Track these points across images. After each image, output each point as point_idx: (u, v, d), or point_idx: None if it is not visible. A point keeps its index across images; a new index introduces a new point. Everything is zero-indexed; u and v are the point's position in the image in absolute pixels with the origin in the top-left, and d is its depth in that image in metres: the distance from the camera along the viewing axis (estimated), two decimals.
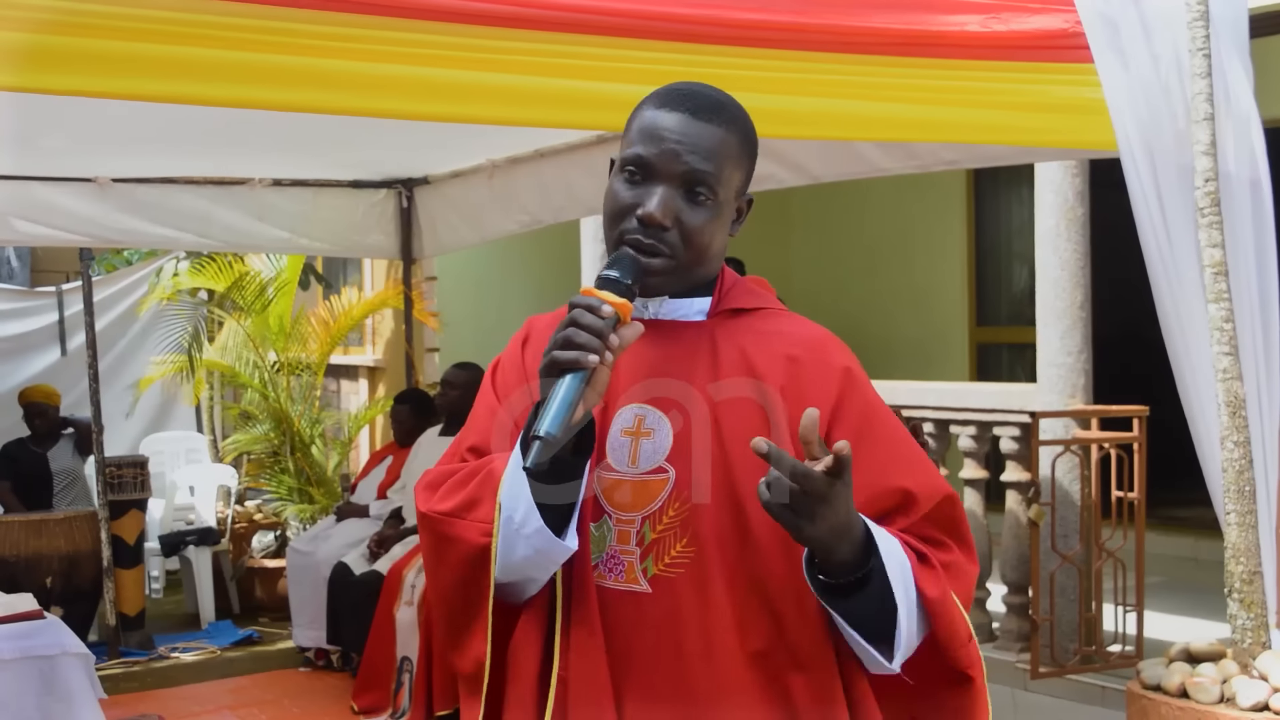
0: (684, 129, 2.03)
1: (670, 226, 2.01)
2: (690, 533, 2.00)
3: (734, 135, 2.06)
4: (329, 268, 11.95)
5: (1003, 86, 3.73)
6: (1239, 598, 3.74)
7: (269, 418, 10.29)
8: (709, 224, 2.04)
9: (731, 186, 2.07)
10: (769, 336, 2.10)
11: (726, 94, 2.13)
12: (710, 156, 2.02)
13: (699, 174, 2.01)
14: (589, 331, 1.87)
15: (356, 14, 3.05)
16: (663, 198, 2.01)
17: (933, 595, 1.97)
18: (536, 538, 1.95)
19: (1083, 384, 6.45)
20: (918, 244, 11.01)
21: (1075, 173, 6.38)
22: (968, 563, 2.08)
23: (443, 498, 2.07)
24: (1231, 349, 3.69)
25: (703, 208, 2.03)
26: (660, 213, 2.00)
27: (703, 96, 2.07)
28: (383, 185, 8.35)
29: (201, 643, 8.29)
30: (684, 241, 2.03)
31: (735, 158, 2.06)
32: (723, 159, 2.04)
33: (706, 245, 2.05)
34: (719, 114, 2.06)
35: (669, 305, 2.12)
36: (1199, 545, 8.59)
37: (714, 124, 2.04)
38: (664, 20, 3.28)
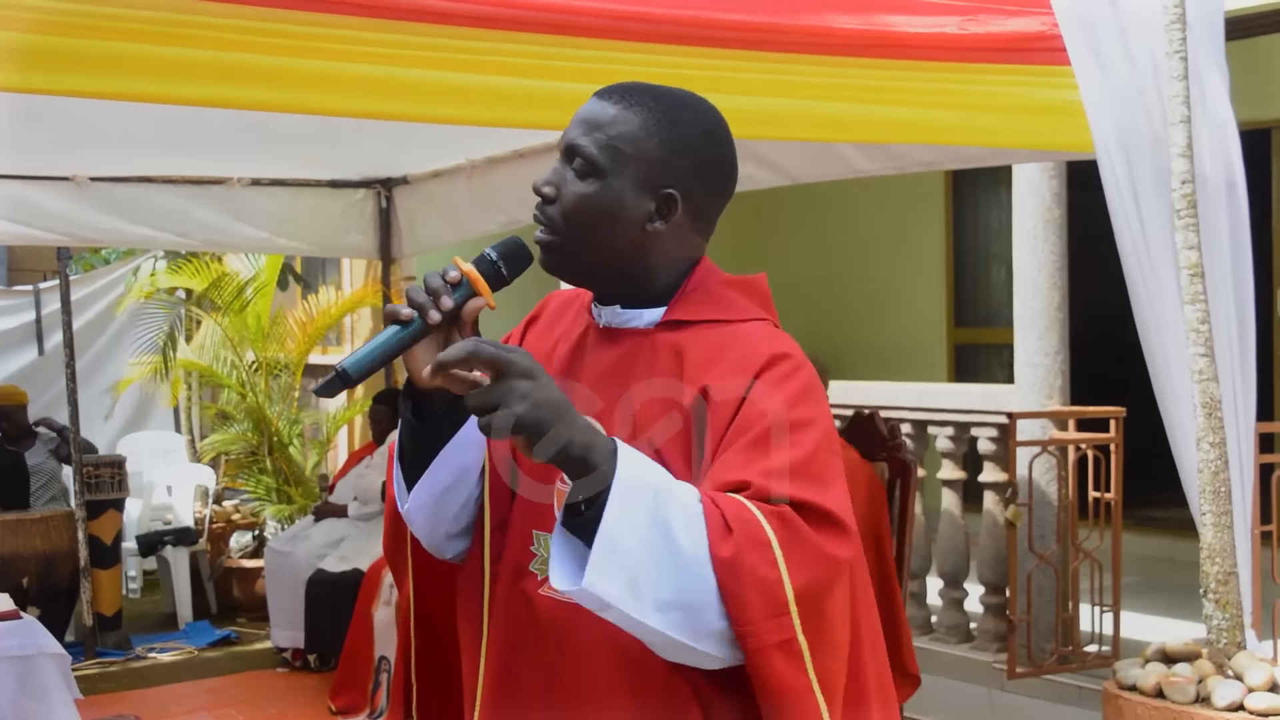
0: (583, 110, 2.03)
1: (552, 197, 2.00)
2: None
3: (636, 115, 2.00)
4: (307, 267, 11.92)
5: (980, 89, 3.74)
6: (1214, 598, 3.76)
7: (247, 418, 10.26)
8: (586, 201, 1.98)
9: (629, 167, 1.99)
10: (711, 349, 2.01)
11: (672, 89, 2.09)
12: (591, 129, 2.00)
13: (575, 146, 1.99)
14: (426, 290, 1.89)
15: (340, 15, 3.05)
16: (551, 168, 2.02)
17: (722, 554, 1.76)
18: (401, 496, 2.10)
19: (1060, 385, 6.47)
20: (896, 245, 11.03)
21: (1053, 174, 6.40)
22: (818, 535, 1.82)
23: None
24: (1207, 350, 3.71)
25: (581, 181, 1.99)
26: (541, 181, 2.00)
27: (626, 83, 2.06)
28: (362, 185, 8.34)
29: (179, 643, 8.27)
30: (563, 216, 2.00)
31: (634, 138, 1.99)
32: (609, 134, 1.99)
33: (589, 226, 1.99)
34: (627, 96, 2.03)
35: (619, 315, 2.08)
36: (1175, 546, 8.61)
37: (611, 102, 2.02)
38: (643, 21, 3.29)
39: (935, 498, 6.91)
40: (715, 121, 2.08)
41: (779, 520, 1.79)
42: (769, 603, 1.77)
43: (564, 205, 1.99)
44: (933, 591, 7.02)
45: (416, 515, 2.09)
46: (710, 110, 2.09)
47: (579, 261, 2.03)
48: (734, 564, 1.76)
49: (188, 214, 7.68)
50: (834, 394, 5.02)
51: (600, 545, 1.72)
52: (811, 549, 1.81)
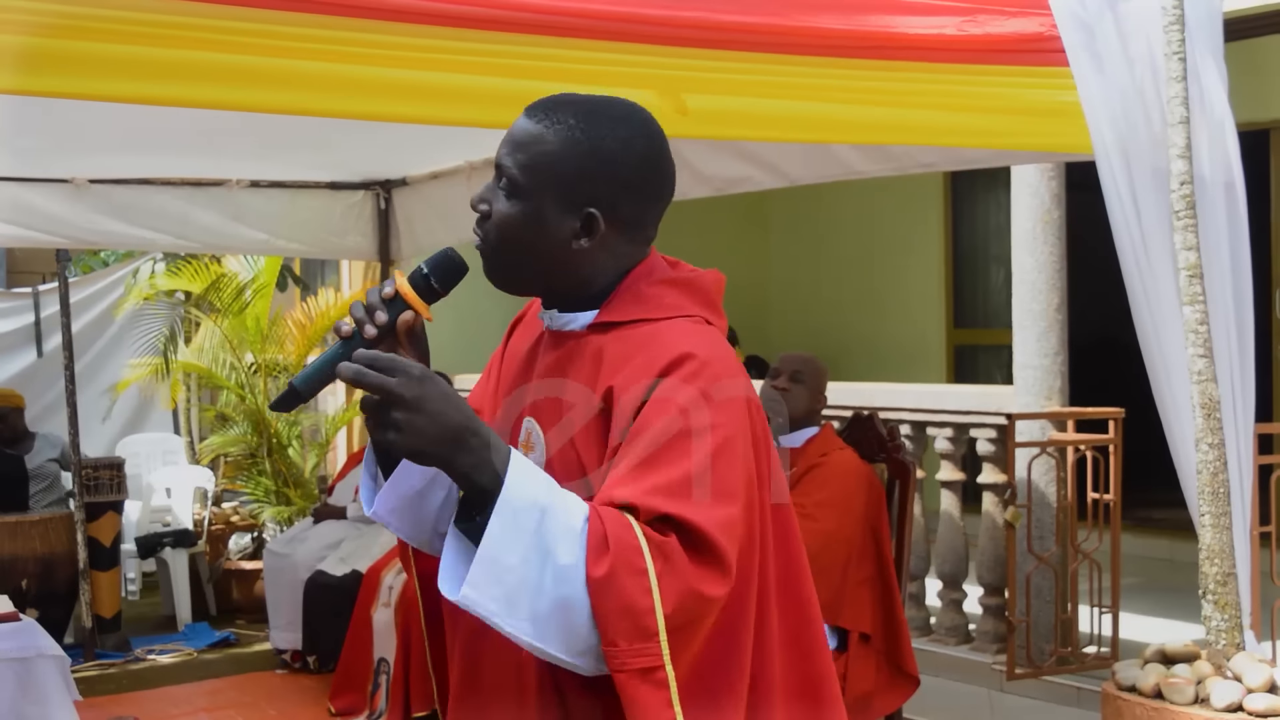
0: (512, 128, 2.07)
1: (485, 214, 2.06)
2: None
3: (556, 134, 2.03)
4: (306, 269, 11.92)
5: (979, 90, 3.74)
6: (1213, 599, 3.76)
7: (246, 419, 10.26)
8: (513, 219, 2.04)
9: (549, 187, 2.03)
10: (628, 348, 2.03)
11: (600, 99, 2.11)
12: (515, 149, 2.04)
13: (500, 166, 2.05)
14: (364, 307, 1.99)
15: (340, 16, 3.05)
16: (484, 186, 2.08)
17: (595, 574, 1.79)
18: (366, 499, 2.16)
19: (1059, 386, 6.48)
20: (895, 246, 11.03)
21: (1052, 176, 6.40)
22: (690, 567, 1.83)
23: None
24: (1206, 351, 3.71)
25: (509, 201, 2.04)
26: (475, 198, 2.07)
27: (548, 99, 2.09)
28: (360, 186, 8.34)
29: (178, 645, 8.26)
30: (493, 230, 2.06)
31: (553, 158, 2.02)
32: (530, 155, 2.03)
33: (512, 247, 2.06)
34: (550, 113, 2.05)
35: (559, 318, 2.14)
36: (1174, 547, 8.62)
37: (535, 120, 2.05)
38: (640, 23, 3.29)
39: (934, 499, 6.91)
40: (639, 132, 2.09)
41: (659, 552, 1.81)
42: (635, 627, 1.80)
43: (494, 223, 2.05)
44: (932, 593, 7.02)
45: (391, 519, 2.12)
46: (635, 120, 2.10)
47: (511, 275, 2.09)
48: (605, 584, 1.79)
49: (187, 216, 7.67)
50: (833, 395, 5.02)
51: (479, 562, 1.79)
52: (686, 585, 1.82)
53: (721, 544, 1.85)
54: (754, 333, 11.18)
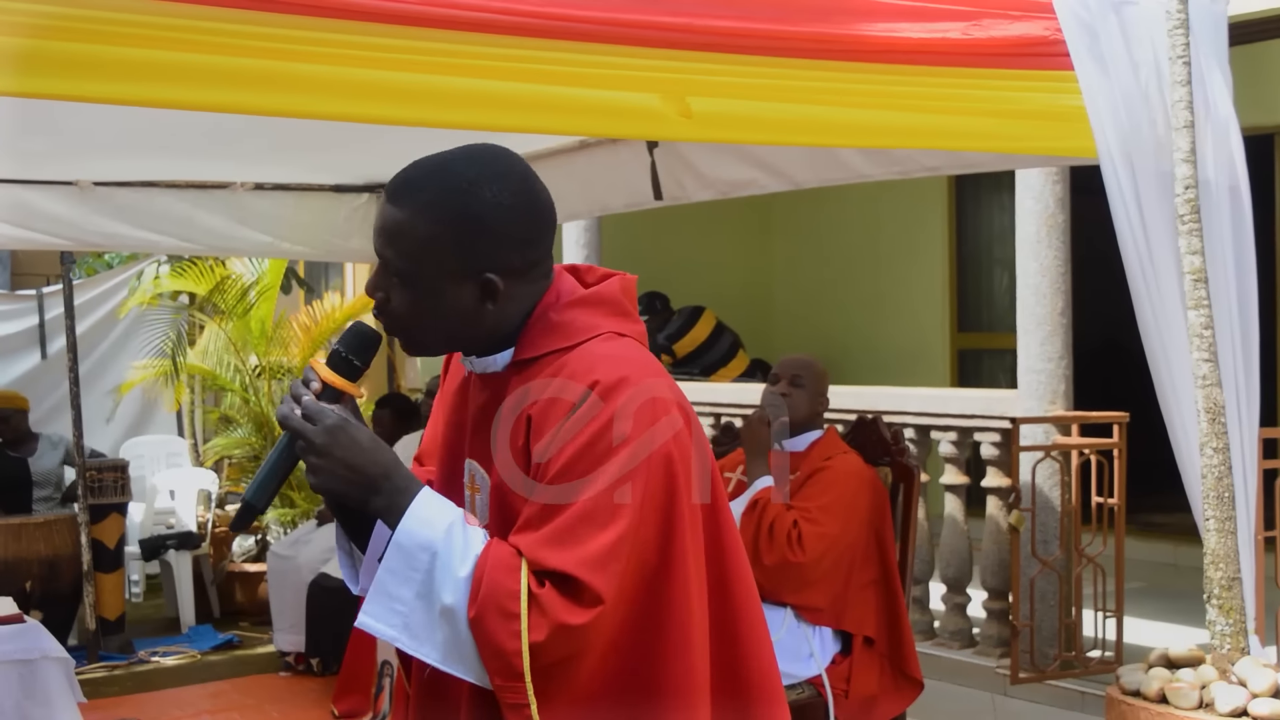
0: (379, 217, 2.10)
1: (383, 303, 2.10)
2: None
3: (419, 216, 2.05)
4: (311, 272, 11.93)
5: (983, 93, 3.74)
6: (1218, 604, 3.75)
7: (250, 422, 10.27)
8: (414, 305, 2.08)
9: (436, 268, 2.06)
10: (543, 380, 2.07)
11: (449, 161, 2.15)
12: (390, 240, 2.07)
13: (383, 258, 2.09)
14: (292, 399, 2.05)
15: (343, 20, 3.04)
16: (375, 275, 2.11)
17: (469, 614, 1.93)
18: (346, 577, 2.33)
19: (1063, 390, 6.47)
20: (899, 250, 11.03)
21: (1056, 179, 6.40)
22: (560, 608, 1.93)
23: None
24: (1211, 355, 3.71)
25: (404, 289, 2.08)
26: (369, 287, 2.11)
27: (401, 177, 2.13)
28: (365, 189, 8.33)
29: (181, 647, 8.26)
30: (399, 320, 2.10)
31: (427, 241, 2.05)
32: (402, 239, 2.06)
33: (421, 326, 2.11)
34: (406, 195, 2.08)
35: (479, 363, 2.18)
36: (1178, 551, 8.62)
37: (397, 206, 2.08)
38: (644, 27, 3.28)
39: (938, 503, 6.91)
40: (502, 182, 2.11)
41: (534, 601, 1.92)
42: (505, 667, 1.93)
43: (396, 311, 2.09)
44: (935, 597, 7.02)
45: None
46: (493, 169, 2.13)
47: (426, 347, 2.15)
48: (476, 625, 1.93)
49: (191, 218, 7.67)
50: (836, 399, 5.01)
51: (373, 594, 1.98)
52: (556, 624, 1.91)
53: (589, 581, 1.92)
54: (757, 336, 11.18)
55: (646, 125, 3.77)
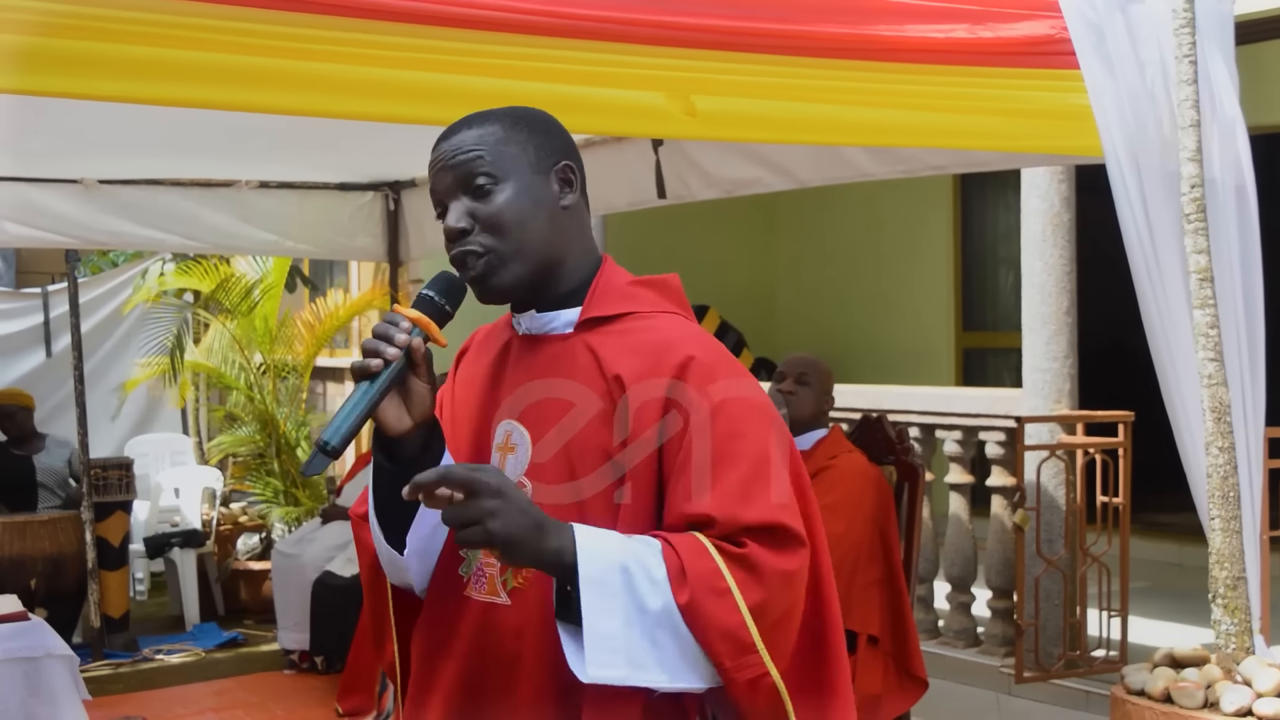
0: (447, 147, 2.10)
1: (470, 228, 2.06)
2: None
3: (493, 124, 2.10)
4: (315, 270, 11.94)
5: (989, 92, 3.73)
6: (1223, 603, 3.75)
7: (254, 420, 10.27)
8: (509, 204, 2.06)
9: (519, 162, 2.09)
10: (625, 341, 2.08)
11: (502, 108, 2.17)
12: (470, 148, 2.07)
13: (465, 167, 2.07)
14: (377, 338, 1.97)
15: (348, 18, 3.04)
16: (453, 208, 2.07)
17: (681, 601, 1.89)
18: (379, 542, 2.13)
19: (1068, 389, 6.47)
20: (905, 249, 11.03)
21: (1062, 179, 6.40)
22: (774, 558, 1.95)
23: (361, 500, 2.19)
24: (1216, 355, 3.70)
25: (492, 194, 2.06)
26: (454, 219, 2.07)
27: (464, 119, 2.14)
28: (369, 188, 8.34)
29: (186, 645, 8.27)
30: (493, 233, 2.06)
31: (505, 137, 2.09)
32: (486, 143, 2.08)
33: (521, 224, 2.07)
34: (472, 120, 2.12)
35: (537, 320, 2.15)
36: (1183, 550, 8.61)
37: (465, 128, 2.10)
38: (649, 26, 3.28)
39: (943, 502, 6.91)
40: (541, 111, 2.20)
41: (738, 564, 1.92)
42: (733, 645, 1.90)
43: (487, 225, 2.06)
44: (940, 596, 7.02)
45: (414, 560, 2.14)
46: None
47: (517, 269, 2.08)
48: (691, 610, 1.88)
49: (196, 217, 7.68)
50: (842, 397, 5.01)
51: (589, 643, 1.87)
52: (775, 579, 1.93)
53: (793, 525, 1.98)
54: (761, 335, 11.18)
55: (651, 123, 3.77)
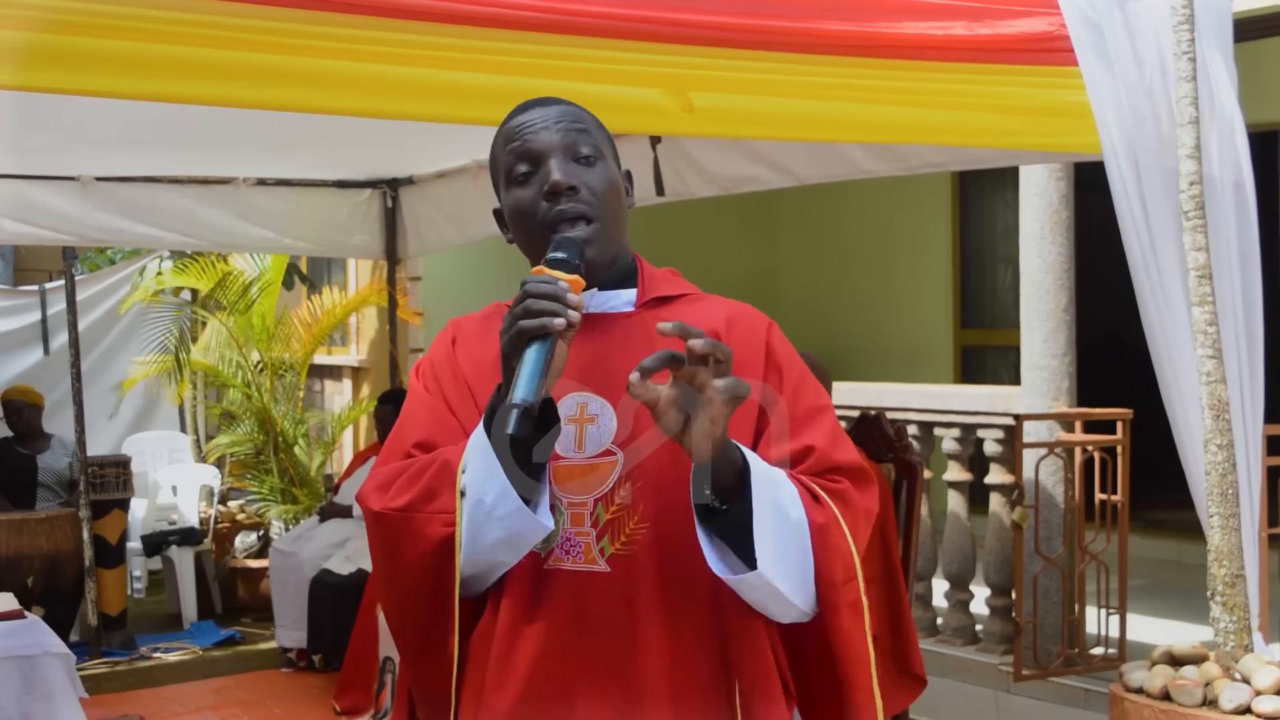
0: (542, 114, 2.16)
1: (578, 186, 2.10)
2: (641, 510, 2.06)
3: (580, 109, 2.19)
4: (313, 267, 11.92)
5: (987, 89, 3.73)
6: (1222, 601, 3.74)
7: (252, 418, 10.26)
8: (608, 180, 2.14)
9: (609, 149, 2.19)
10: (697, 315, 2.14)
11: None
12: (577, 119, 2.16)
13: (572, 133, 2.14)
14: (548, 299, 1.93)
15: (346, 14, 3.04)
16: (558, 165, 2.11)
17: (817, 519, 2.02)
18: (512, 519, 1.98)
19: (1066, 387, 6.46)
20: (903, 246, 11.02)
21: (1060, 176, 6.39)
22: (862, 497, 2.11)
23: (396, 494, 2.08)
24: (1215, 352, 3.70)
25: (594, 166, 2.14)
26: (563, 175, 2.10)
27: (544, 97, 2.21)
28: (367, 185, 8.34)
29: (184, 643, 8.27)
30: (595, 199, 2.12)
31: (597, 127, 2.19)
32: (588, 122, 2.17)
33: (615, 203, 2.15)
34: (557, 99, 2.20)
35: (598, 298, 2.19)
36: (1182, 548, 8.60)
37: (557, 102, 2.19)
38: (648, 22, 3.28)
39: (941, 500, 6.91)
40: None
41: (840, 499, 2.06)
42: (845, 568, 2.05)
43: (593, 189, 2.12)
44: (938, 593, 7.01)
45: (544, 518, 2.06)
46: None
47: (603, 244, 2.15)
48: (824, 531, 2.02)
49: (193, 214, 7.68)
50: (840, 395, 5.02)
51: (759, 530, 1.94)
52: (862, 515, 2.10)
53: (866, 466, 2.15)
54: None
55: (649, 120, 3.76)
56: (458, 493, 2.01)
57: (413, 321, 10.22)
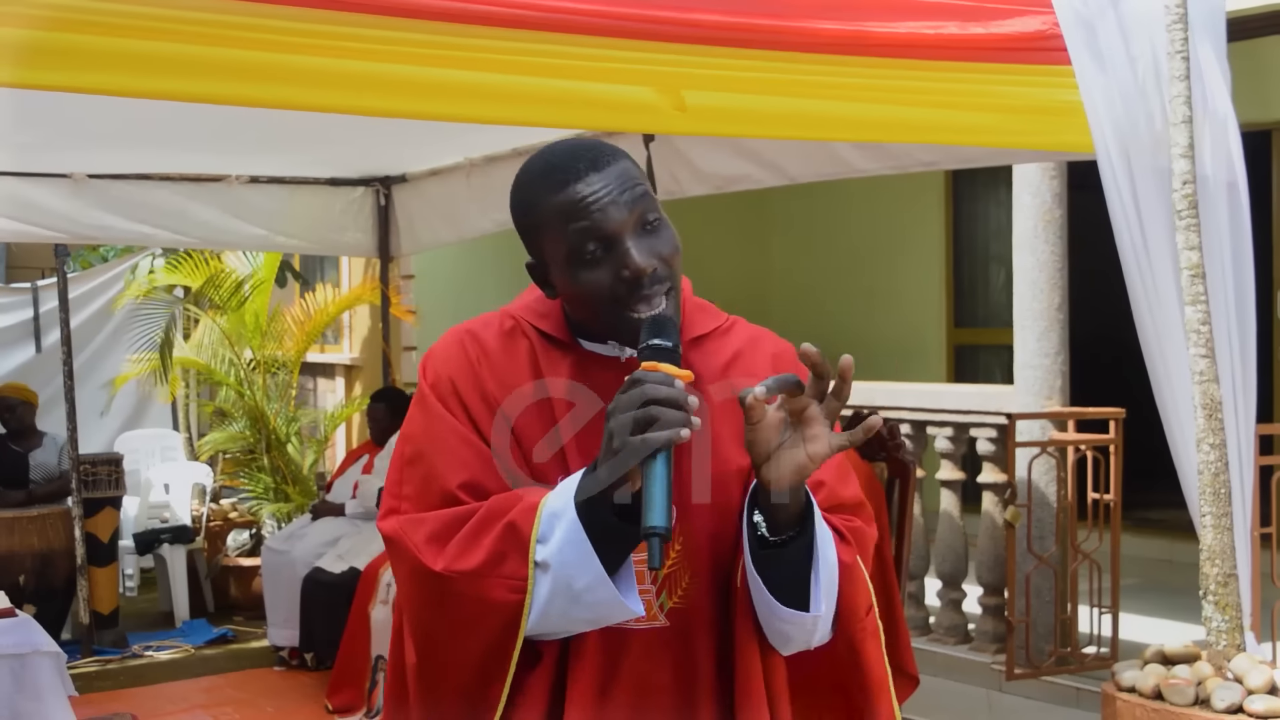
0: (602, 183, 2.01)
1: (658, 265, 2.00)
2: (695, 564, 2.07)
3: (624, 160, 2.06)
4: (306, 265, 11.91)
5: (980, 88, 3.73)
6: (1214, 600, 3.75)
7: (245, 416, 10.25)
8: (674, 241, 2.05)
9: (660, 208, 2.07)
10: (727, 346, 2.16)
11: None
12: (634, 180, 2.03)
13: (639, 204, 2.01)
14: (674, 407, 1.84)
15: (340, 11, 3.04)
16: (636, 246, 2.00)
17: (846, 560, 2.05)
18: (602, 606, 1.93)
19: (1059, 386, 6.46)
20: (896, 245, 11.03)
21: (1053, 175, 6.39)
22: (871, 533, 2.18)
23: (460, 554, 1.98)
24: (1208, 351, 3.70)
25: (660, 231, 2.03)
26: (644, 260, 1.98)
27: (586, 150, 2.06)
28: (360, 183, 8.33)
29: (175, 641, 8.25)
30: (669, 268, 2.03)
31: (642, 175, 2.07)
32: (641, 179, 2.05)
33: (680, 260, 2.07)
34: (612, 154, 2.05)
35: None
36: (1174, 547, 8.61)
37: (616, 162, 2.04)
38: (640, 20, 3.28)
39: (934, 498, 6.90)
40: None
41: (856, 535, 2.12)
42: (866, 601, 2.13)
43: (666, 258, 2.02)
44: (931, 592, 7.01)
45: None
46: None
47: (680, 304, 2.07)
48: (850, 569, 2.06)
49: (185, 211, 7.67)
50: None
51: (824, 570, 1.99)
52: (872, 551, 2.17)
53: (867, 503, 2.20)
54: None
55: (641, 118, 3.76)
56: (530, 562, 1.93)
57: (406, 319, 10.20)
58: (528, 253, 2.13)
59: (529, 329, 2.16)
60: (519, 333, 2.16)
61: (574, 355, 2.13)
